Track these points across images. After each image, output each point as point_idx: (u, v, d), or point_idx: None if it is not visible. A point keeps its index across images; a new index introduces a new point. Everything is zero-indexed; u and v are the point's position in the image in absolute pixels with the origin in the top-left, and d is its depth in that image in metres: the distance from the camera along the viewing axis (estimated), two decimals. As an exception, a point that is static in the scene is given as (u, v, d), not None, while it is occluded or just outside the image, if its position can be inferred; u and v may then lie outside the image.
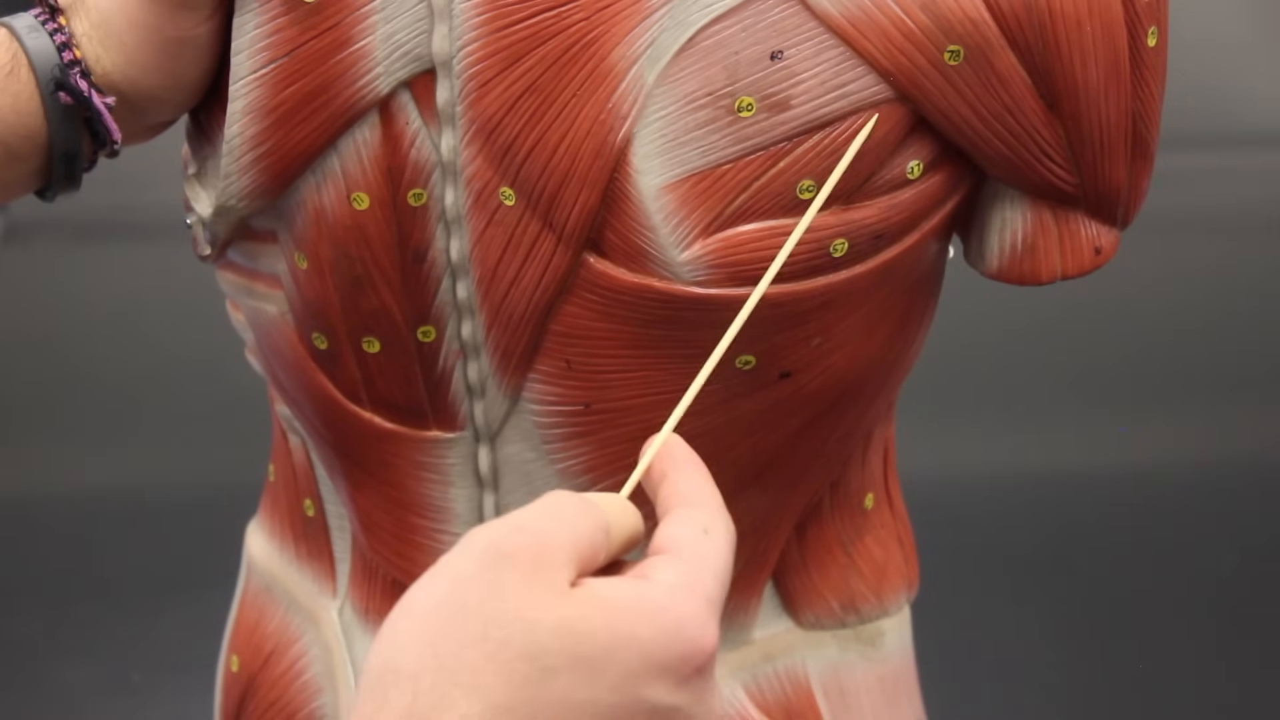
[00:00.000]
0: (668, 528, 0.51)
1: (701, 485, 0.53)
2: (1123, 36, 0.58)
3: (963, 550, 1.66)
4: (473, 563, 0.47)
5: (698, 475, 0.53)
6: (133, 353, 1.97)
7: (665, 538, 0.50)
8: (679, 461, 0.53)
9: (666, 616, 0.48)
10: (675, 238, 0.58)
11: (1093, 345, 1.99)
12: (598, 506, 0.50)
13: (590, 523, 0.50)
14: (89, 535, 1.74)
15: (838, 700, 0.73)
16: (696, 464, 0.53)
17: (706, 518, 0.51)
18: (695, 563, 0.49)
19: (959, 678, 1.45)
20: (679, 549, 0.50)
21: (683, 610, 0.48)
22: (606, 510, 0.51)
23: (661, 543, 0.50)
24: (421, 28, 0.59)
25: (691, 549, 0.50)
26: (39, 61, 0.61)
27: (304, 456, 0.73)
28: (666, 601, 0.48)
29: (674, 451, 0.54)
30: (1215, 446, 1.88)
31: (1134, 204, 0.63)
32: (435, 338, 0.64)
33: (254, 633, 0.77)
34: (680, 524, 0.51)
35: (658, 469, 0.53)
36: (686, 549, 0.50)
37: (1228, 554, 1.73)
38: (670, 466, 0.53)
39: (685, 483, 0.53)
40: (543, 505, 0.50)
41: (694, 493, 0.52)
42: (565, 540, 0.48)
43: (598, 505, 0.51)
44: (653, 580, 0.48)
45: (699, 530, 0.50)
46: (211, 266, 0.69)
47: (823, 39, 0.56)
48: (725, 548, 0.51)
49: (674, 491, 0.52)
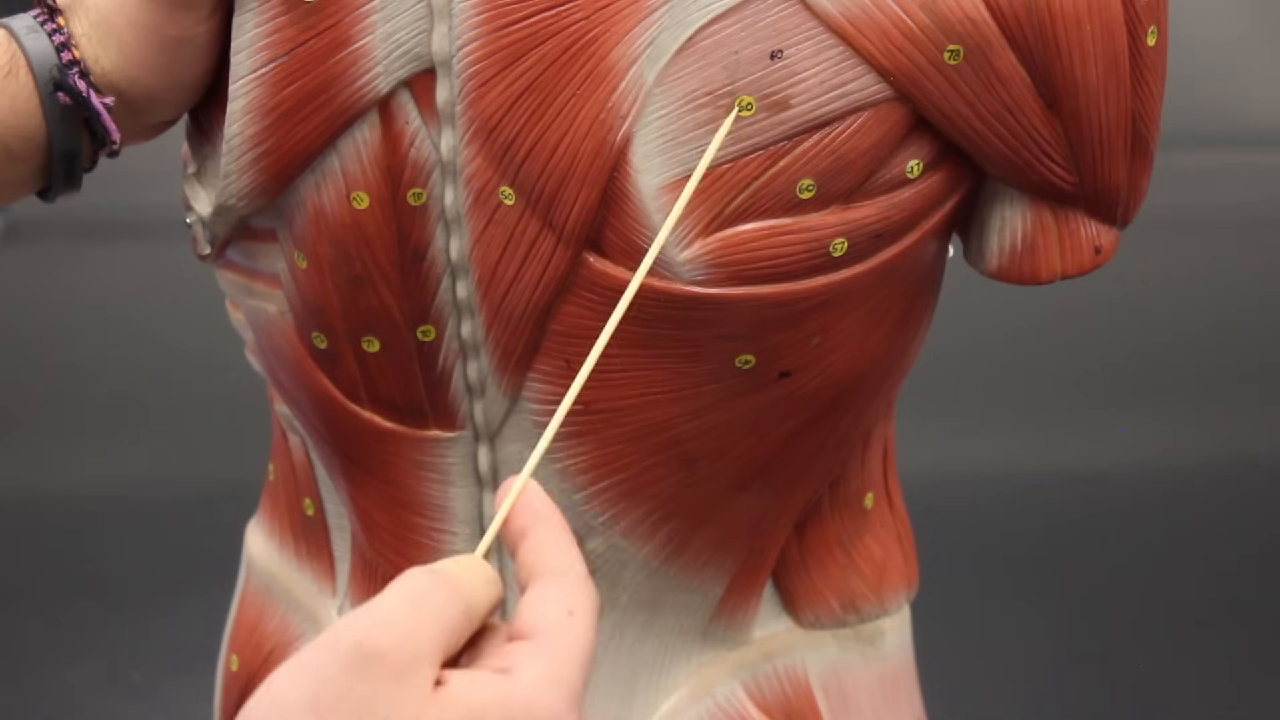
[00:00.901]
0: (531, 607, 0.49)
1: (563, 550, 0.51)
2: (1122, 36, 0.58)
3: (963, 550, 1.65)
4: (340, 663, 0.46)
5: (559, 535, 0.51)
6: (133, 353, 1.97)
7: (528, 620, 0.49)
8: (539, 517, 0.51)
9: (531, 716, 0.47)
10: (675, 237, 0.58)
11: (1093, 345, 1.99)
12: (460, 584, 0.49)
13: (454, 606, 0.48)
14: (89, 535, 1.74)
15: (837, 699, 0.73)
16: (557, 519, 0.52)
17: (570, 596, 0.49)
18: (558, 652, 0.48)
19: (959, 678, 1.45)
20: (543, 635, 0.48)
21: (544, 709, 0.47)
22: (468, 588, 0.49)
23: (524, 625, 0.49)
24: (421, 27, 0.59)
25: (555, 636, 0.48)
26: (37, 62, 0.61)
27: (304, 456, 0.73)
28: (529, 702, 0.47)
29: (532, 505, 0.52)
30: (1215, 446, 1.88)
31: (1134, 203, 0.63)
32: (435, 337, 0.64)
33: (254, 632, 0.77)
34: (543, 603, 0.49)
35: (516, 525, 0.51)
36: (550, 636, 0.48)
37: (1228, 554, 1.73)
38: (530, 522, 0.51)
39: (548, 547, 0.51)
40: (407, 596, 0.48)
41: (556, 562, 0.50)
42: (432, 636, 0.47)
43: (460, 582, 0.49)
44: (516, 677, 0.47)
45: (563, 612, 0.49)
46: (211, 266, 0.69)
47: (822, 38, 0.56)
48: (589, 629, 0.49)
49: (536, 557, 0.51)
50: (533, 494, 0.52)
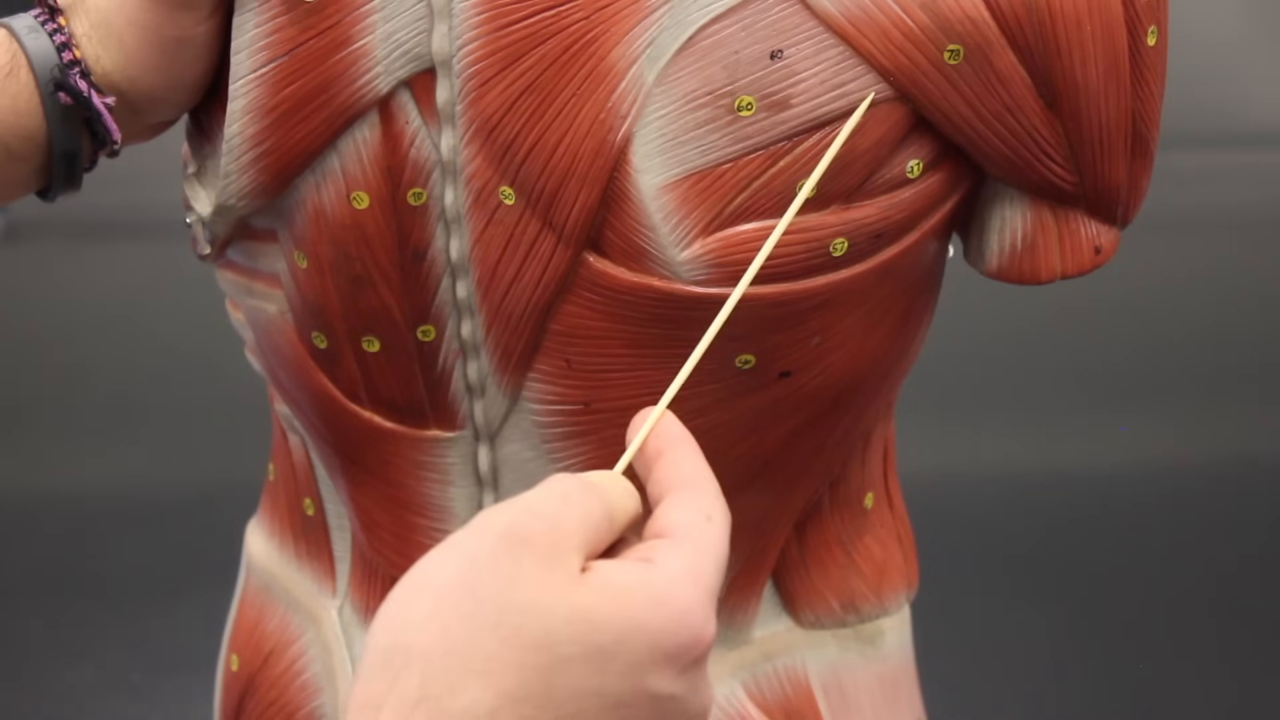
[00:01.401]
0: (670, 511, 0.51)
1: (700, 467, 0.52)
2: (1122, 36, 0.58)
3: (963, 550, 1.66)
4: (488, 546, 0.47)
5: (695, 456, 0.53)
6: (133, 353, 1.97)
7: (668, 521, 0.50)
8: (675, 440, 0.53)
9: (673, 606, 0.48)
10: (675, 237, 0.58)
11: (1093, 345, 2.00)
12: (602, 489, 0.51)
13: (598, 508, 0.50)
14: (89, 535, 1.74)
15: (837, 699, 0.73)
16: (691, 443, 0.53)
17: (708, 503, 0.51)
18: (699, 551, 0.49)
19: (959, 677, 1.45)
20: (683, 534, 0.50)
21: (688, 600, 0.48)
22: (609, 493, 0.51)
23: (664, 525, 0.50)
24: (421, 27, 0.59)
25: (695, 536, 0.50)
26: (38, 62, 0.61)
27: (304, 455, 0.73)
28: (673, 590, 0.48)
29: (669, 429, 0.54)
30: (1215, 446, 1.89)
31: (1134, 203, 0.63)
32: (435, 337, 0.64)
33: (254, 632, 0.77)
34: (682, 508, 0.51)
35: (653, 446, 0.53)
36: (690, 535, 0.50)
37: (1228, 554, 1.73)
38: (666, 445, 0.53)
39: (684, 463, 0.52)
40: (553, 490, 0.50)
41: (693, 475, 0.52)
42: (577, 526, 0.49)
43: (602, 488, 0.51)
44: (659, 566, 0.49)
45: (702, 516, 0.50)
46: (211, 266, 0.69)
47: (822, 38, 0.56)
48: (725, 536, 0.51)
49: (673, 471, 0.52)
50: (669, 421, 0.54)
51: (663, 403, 0.54)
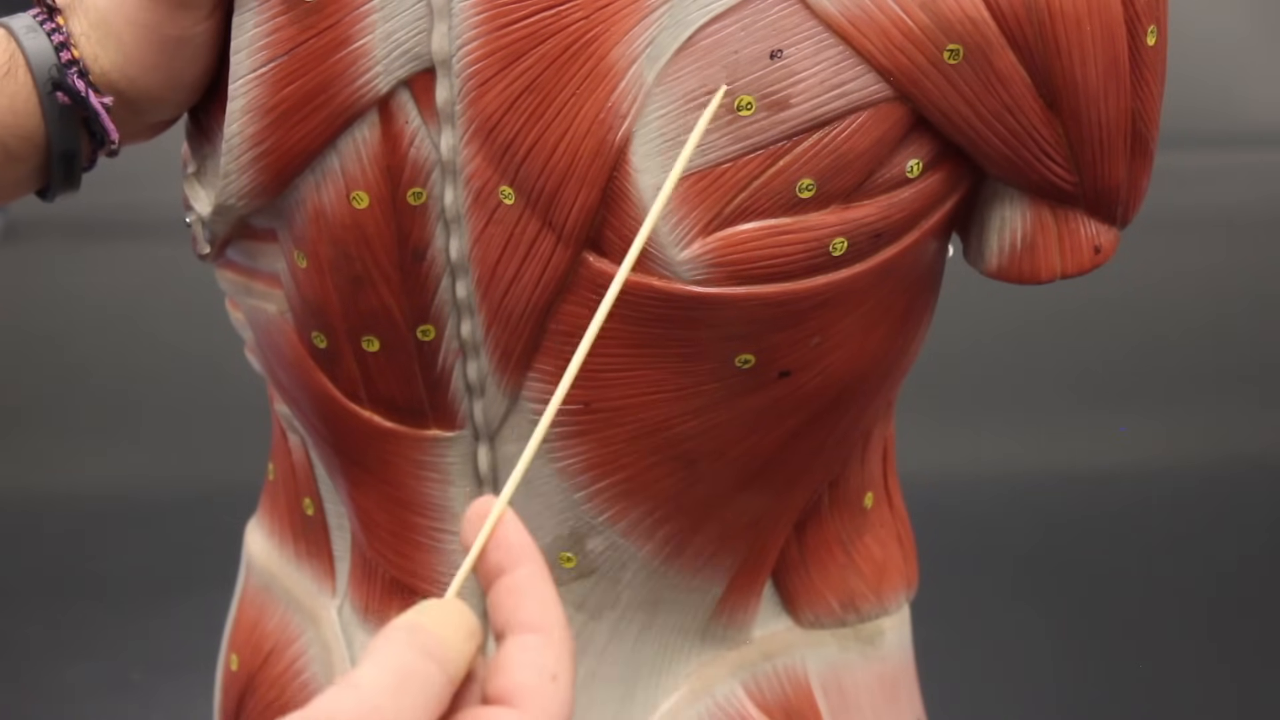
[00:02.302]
0: (515, 670, 0.48)
1: (544, 601, 0.49)
2: (1122, 35, 0.58)
3: (963, 550, 1.66)
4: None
5: (541, 582, 0.49)
6: (133, 352, 1.97)
7: (512, 685, 0.47)
8: (517, 556, 0.49)
9: None
10: (675, 236, 0.58)
11: (1093, 345, 1.99)
12: (444, 654, 0.47)
13: (442, 678, 0.47)
14: (89, 535, 1.74)
15: (837, 699, 0.73)
16: (535, 560, 0.49)
17: (553, 658, 0.48)
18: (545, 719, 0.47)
19: (959, 677, 1.45)
20: (526, 702, 0.47)
21: None
22: (450, 653, 0.47)
23: (507, 688, 0.47)
24: (421, 26, 0.59)
25: (540, 702, 0.47)
26: (36, 62, 0.61)
27: (303, 455, 0.73)
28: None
29: (509, 539, 0.50)
30: (1215, 446, 1.88)
31: (1133, 203, 0.63)
32: (435, 336, 0.64)
33: (253, 631, 0.77)
34: (526, 666, 0.48)
35: (493, 560, 0.49)
36: (535, 702, 0.47)
37: (1228, 554, 1.73)
38: (507, 561, 0.49)
39: (528, 596, 0.49)
40: (393, 672, 0.46)
41: (538, 615, 0.48)
42: (420, 712, 0.46)
43: (444, 652, 0.47)
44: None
45: (547, 676, 0.47)
46: (211, 265, 0.69)
47: (822, 38, 0.56)
48: (571, 693, 0.48)
49: (515, 605, 0.49)
50: (510, 527, 0.50)
51: (503, 498, 0.50)
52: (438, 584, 0.69)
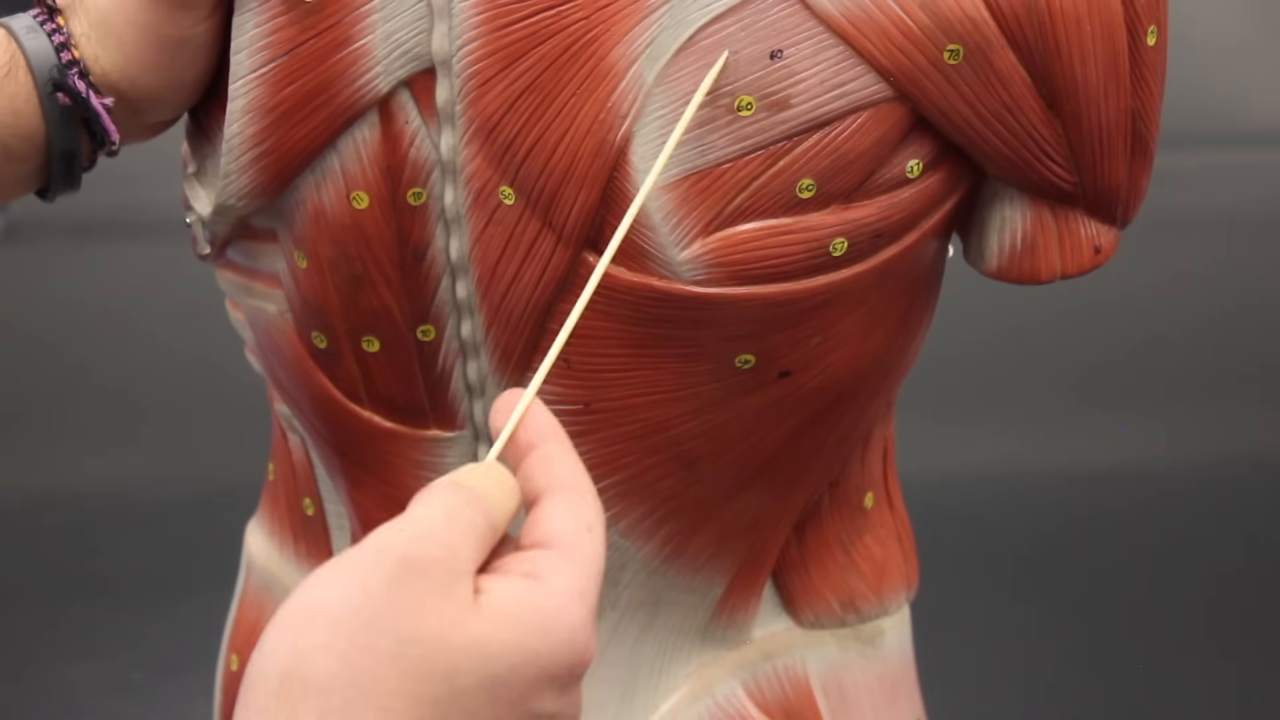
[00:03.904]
0: (551, 518, 0.50)
1: (574, 467, 0.52)
2: (1122, 36, 0.58)
3: (962, 550, 1.66)
4: (384, 574, 0.47)
5: (567, 452, 0.52)
6: (133, 353, 1.97)
7: (549, 529, 0.50)
8: (545, 433, 0.52)
9: (562, 629, 0.48)
10: (675, 237, 0.58)
11: (1093, 345, 1.99)
12: (484, 499, 0.50)
13: (483, 521, 0.49)
14: (89, 535, 1.74)
15: (837, 699, 0.73)
16: (562, 437, 0.52)
17: (587, 511, 0.51)
18: (582, 566, 0.50)
19: (959, 677, 1.45)
20: (565, 546, 0.50)
21: (574, 620, 0.49)
22: (490, 499, 0.50)
23: (546, 534, 0.50)
24: (421, 27, 0.59)
25: (577, 549, 0.50)
26: (37, 62, 0.61)
27: (303, 455, 0.73)
28: (560, 611, 0.48)
29: (538, 420, 0.53)
30: (1215, 446, 1.88)
31: (1133, 203, 0.63)
32: (435, 337, 0.64)
33: (254, 632, 0.77)
34: (563, 516, 0.50)
35: (523, 438, 0.52)
36: (572, 549, 0.50)
37: (1228, 554, 1.73)
38: (536, 438, 0.52)
39: (558, 462, 0.52)
40: (440, 509, 0.49)
41: (570, 477, 0.52)
42: (469, 549, 0.48)
43: (484, 498, 0.50)
44: (546, 585, 0.49)
45: (583, 526, 0.50)
46: (211, 266, 0.69)
47: (822, 38, 0.56)
48: (603, 545, 0.51)
49: (547, 470, 0.52)
50: (538, 410, 0.53)
51: (531, 388, 0.53)
52: (438, 584, 0.69)
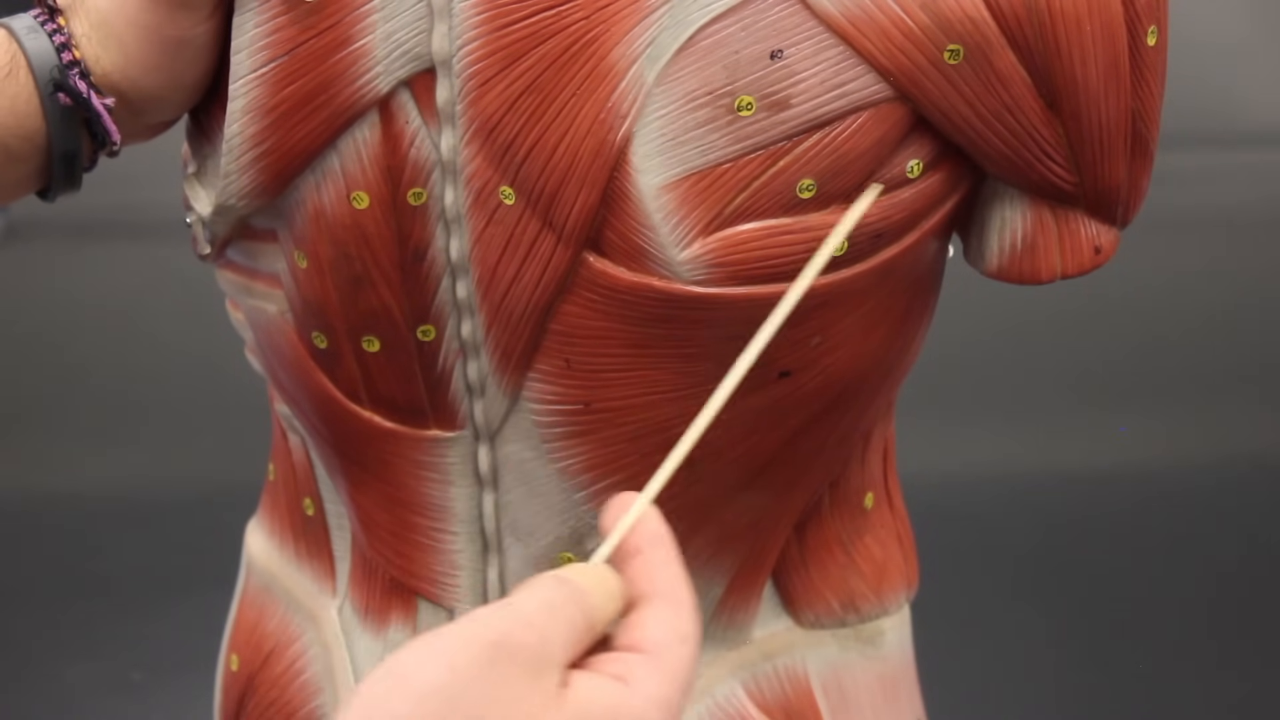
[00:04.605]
0: (650, 627, 0.51)
1: (677, 576, 0.53)
2: (1122, 36, 0.58)
3: (963, 550, 1.66)
4: (474, 654, 0.47)
5: (672, 560, 0.53)
6: (133, 353, 1.97)
7: (644, 637, 0.51)
8: (653, 539, 0.53)
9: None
10: (675, 237, 0.58)
11: (1093, 345, 1.99)
12: (586, 597, 0.50)
13: (581, 619, 0.50)
14: (89, 535, 1.74)
15: (837, 699, 0.73)
16: (668, 544, 0.53)
17: (684, 623, 0.52)
18: (672, 676, 0.50)
19: (959, 678, 1.45)
20: (658, 654, 0.50)
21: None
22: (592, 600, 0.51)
23: (640, 640, 0.51)
24: (421, 27, 0.59)
25: (669, 659, 0.50)
26: (38, 63, 0.61)
27: (304, 455, 0.73)
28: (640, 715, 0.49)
29: (648, 526, 0.54)
30: (1215, 446, 1.89)
31: (1134, 203, 0.63)
32: (435, 337, 0.64)
33: (254, 632, 0.77)
34: (662, 625, 0.51)
35: (631, 542, 0.53)
36: (666, 657, 0.50)
37: (1228, 553, 1.73)
38: (645, 543, 0.53)
39: (662, 570, 0.53)
40: (540, 598, 0.50)
41: (671, 586, 0.52)
42: (562, 641, 0.49)
43: (586, 596, 0.51)
44: (633, 689, 0.49)
45: (678, 637, 0.51)
46: (211, 266, 0.69)
47: (822, 38, 0.56)
48: (696, 657, 0.51)
49: (651, 576, 0.52)
50: (649, 515, 0.54)
51: (646, 494, 0.54)
52: (438, 584, 0.69)
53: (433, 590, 0.69)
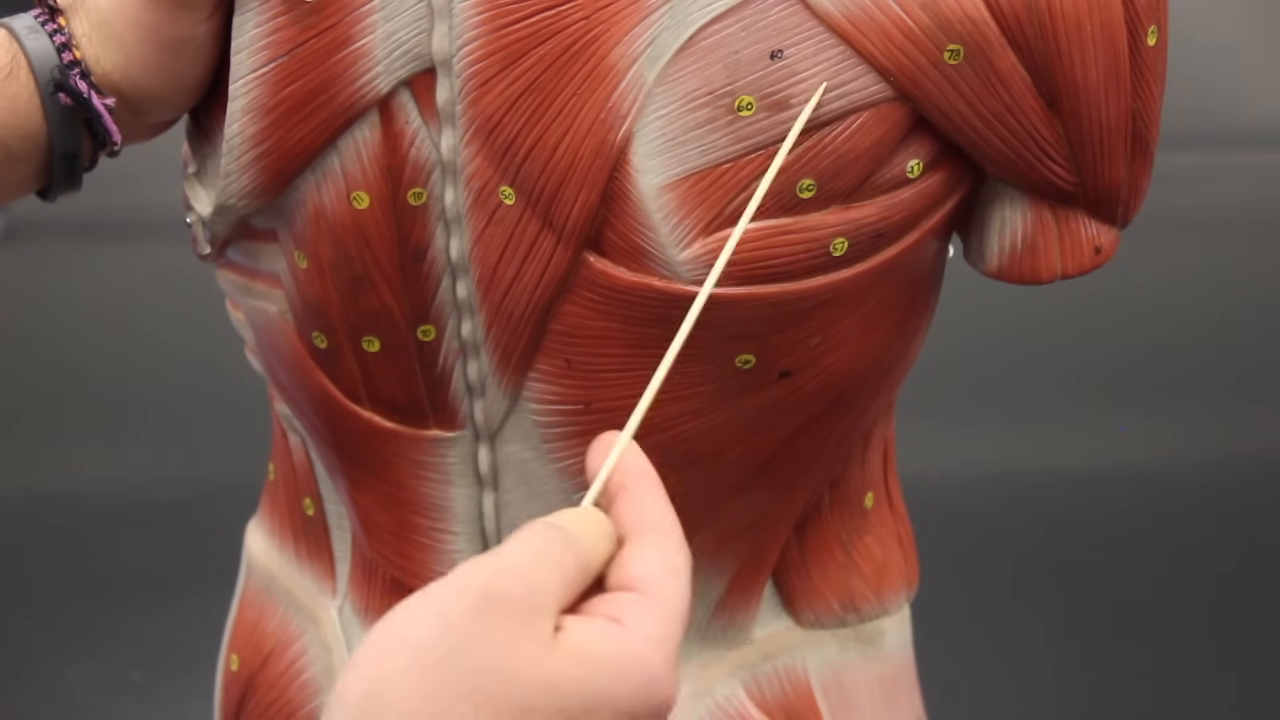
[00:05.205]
0: (636, 561, 0.51)
1: (663, 509, 0.52)
2: (1122, 36, 0.58)
3: (963, 550, 1.66)
4: (466, 605, 0.47)
5: (658, 494, 0.53)
6: (133, 353, 1.97)
7: (635, 574, 0.50)
8: (637, 475, 0.53)
9: (642, 672, 0.48)
10: (675, 237, 0.58)
11: (1093, 345, 2.00)
12: (578, 541, 0.50)
13: (574, 563, 0.50)
14: (89, 535, 1.74)
15: (837, 699, 0.73)
16: (654, 479, 0.53)
17: (673, 554, 0.51)
18: (666, 610, 0.50)
19: (959, 678, 1.45)
20: (651, 591, 0.50)
21: (655, 665, 0.49)
22: (584, 542, 0.51)
23: (631, 578, 0.50)
24: (421, 27, 0.59)
25: (662, 593, 0.50)
26: (38, 63, 0.61)
27: (304, 455, 0.73)
28: (642, 656, 0.49)
29: (631, 462, 0.53)
30: (1215, 446, 1.89)
31: (1134, 203, 0.63)
32: (435, 337, 0.64)
33: (254, 632, 0.77)
34: (649, 560, 0.51)
35: (615, 480, 0.53)
36: (658, 592, 0.50)
37: (1227, 553, 1.73)
38: (629, 480, 0.53)
39: (648, 503, 0.52)
40: (530, 545, 0.49)
41: (658, 519, 0.52)
42: (554, 586, 0.49)
43: (577, 540, 0.50)
44: (628, 630, 0.49)
45: (669, 570, 0.51)
46: (211, 266, 0.69)
47: (823, 38, 0.56)
48: (688, 588, 0.51)
49: (636, 512, 0.52)
50: (631, 452, 0.54)
51: (627, 432, 0.54)
52: (438, 584, 0.69)
53: (433, 590, 0.69)
